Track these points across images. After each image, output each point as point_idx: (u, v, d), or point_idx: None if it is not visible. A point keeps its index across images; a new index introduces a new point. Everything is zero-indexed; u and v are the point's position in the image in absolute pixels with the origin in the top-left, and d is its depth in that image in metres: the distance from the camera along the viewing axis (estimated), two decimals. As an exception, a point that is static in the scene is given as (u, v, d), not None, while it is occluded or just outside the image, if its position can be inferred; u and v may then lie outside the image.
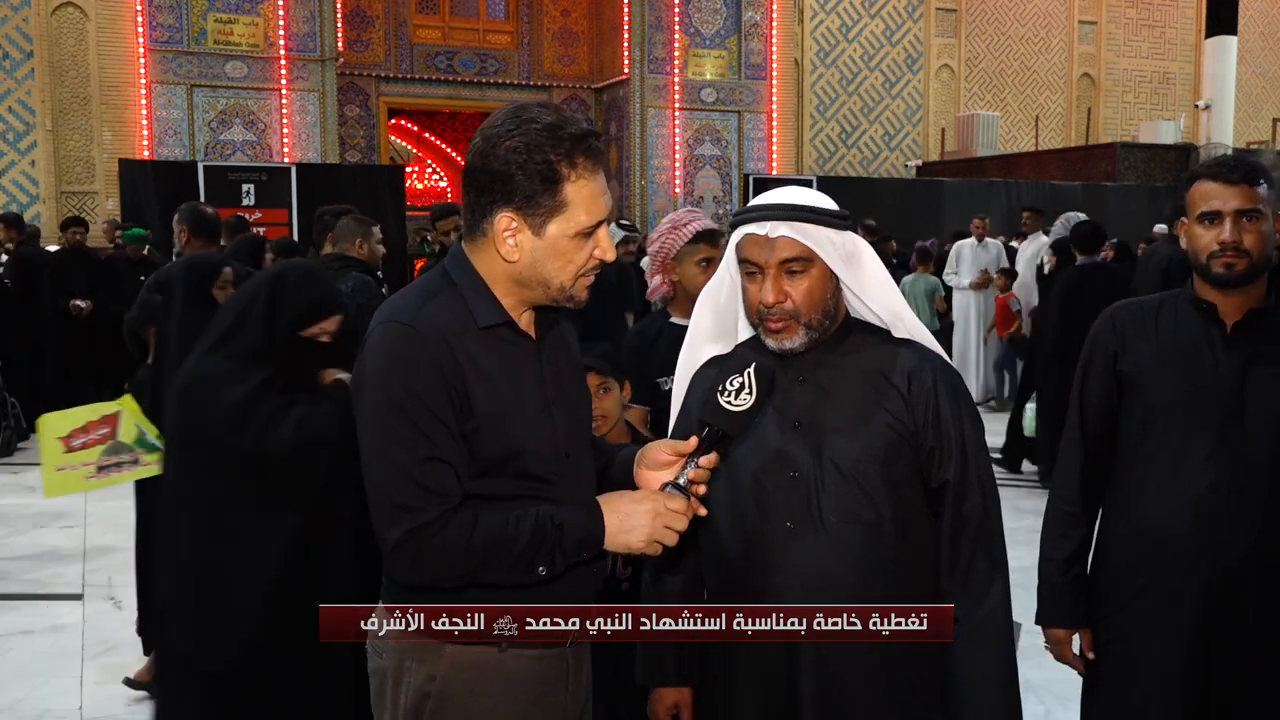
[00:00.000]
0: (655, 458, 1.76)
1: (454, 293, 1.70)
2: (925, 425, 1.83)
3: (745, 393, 1.72)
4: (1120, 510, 2.33)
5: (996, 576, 1.83)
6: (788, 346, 1.84)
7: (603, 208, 1.69)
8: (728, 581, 1.89)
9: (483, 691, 1.71)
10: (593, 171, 1.66)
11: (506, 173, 1.63)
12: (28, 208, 12.63)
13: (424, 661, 1.71)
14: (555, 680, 1.78)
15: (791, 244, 1.80)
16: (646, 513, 1.65)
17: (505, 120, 1.65)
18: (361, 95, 16.18)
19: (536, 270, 1.68)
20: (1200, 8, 19.90)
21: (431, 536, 1.60)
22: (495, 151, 1.63)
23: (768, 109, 16.35)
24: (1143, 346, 2.29)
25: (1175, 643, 2.20)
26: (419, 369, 1.61)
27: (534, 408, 1.73)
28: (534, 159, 1.62)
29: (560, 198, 1.64)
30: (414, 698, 1.71)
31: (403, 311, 1.68)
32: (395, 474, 1.61)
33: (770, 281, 1.81)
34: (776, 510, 1.82)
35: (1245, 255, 2.16)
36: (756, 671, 1.86)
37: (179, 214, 4.95)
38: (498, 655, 1.71)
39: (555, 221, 1.65)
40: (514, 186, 1.63)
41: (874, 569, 1.80)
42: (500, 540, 1.61)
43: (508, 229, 1.65)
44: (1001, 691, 1.81)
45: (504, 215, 1.65)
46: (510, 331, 1.72)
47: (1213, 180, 2.19)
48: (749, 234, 1.84)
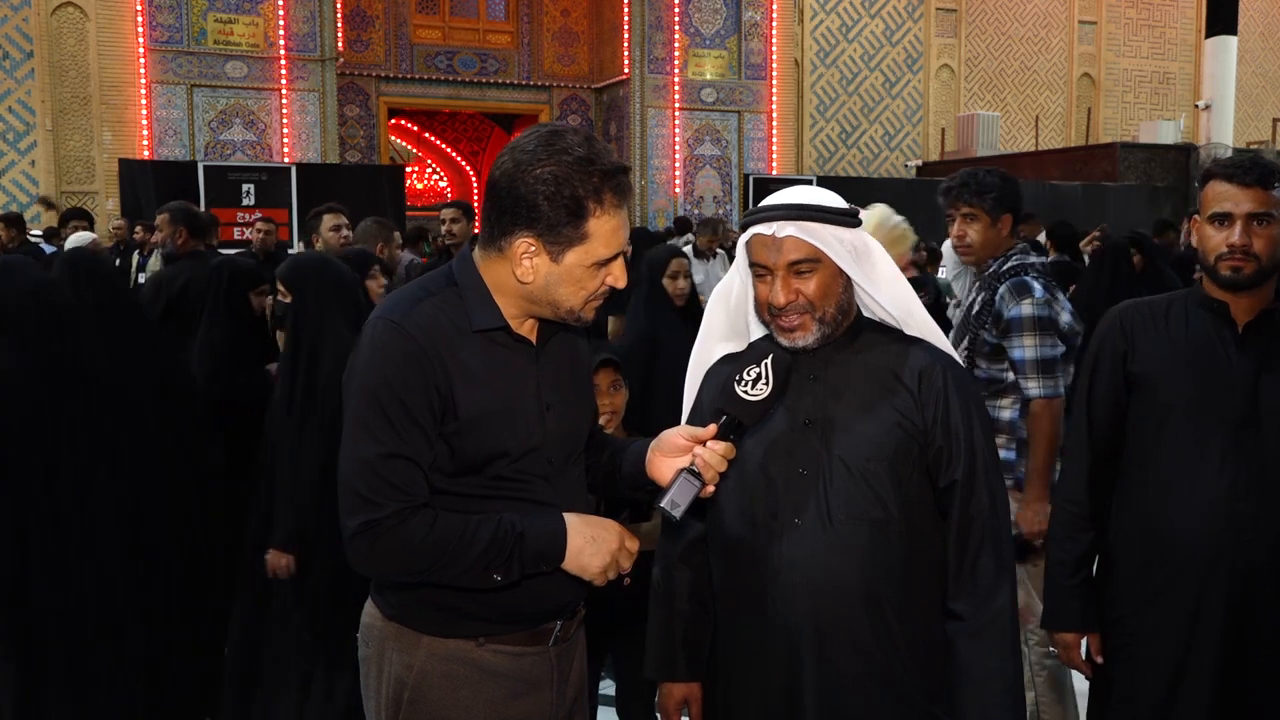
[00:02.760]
0: (673, 443, 1.78)
1: (453, 294, 1.72)
2: (934, 424, 1.82)
3: (762, 383, 1.73)
4: (1132, 513, 2.31)
5: (1003, 576, 1.82)
6: (801, 344, 1.83)
7: (622, 240, 1.70)
8: (735, 578, 1.89)
9: (459, 683, 1.74)
10: (617, 207, 1.68)
11: (532, 200, 1.63)
12: (28, 208, 12.62)
13: (402, 651, 1.76)
14: (538, 679, 1.80)
15: (798, 244, 1.80)
16: (613, 539, 1.71)
17: (538, 146, 1.65)
18: (361, 95, 16.17)
19: (548, 293, 1.70)
20: (1200, 8, 19.90)
21: (387, 531, 1.63)
22: (524, 176, 1.63)
23: (768, 109, 16.34)
24: (1152, 347, 2.28)
25: (1196, 645, 2.19)
26: (402, 367, 1.64)
27: (524, 411, 1.74)
28: (562, 191, 1.62)
29: (583, 230, 1.65)
30: (393, 686, 1.76)
31: (395, 309, 1.70)
32: (361, 466, 1.65)
33: (780, 283, 1.81)
34: (785, 508, 1.82)
35: (1254, 259, 2.15)
36: (760, 666, 1.86)
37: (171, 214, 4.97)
38: (475, 649, 1.75)
39: (574, 251, 1.66)
40: (538, 214, 1.64)
41: (881, 567, 1.79)
42: (456, 542, 1.64)
43: (526, 252, 1.66)
44: (1007, 691, 1.80)
45: (524, 239, 1.66)
46: (506, 335, 1.73)
47: (1227, 181, 2.17)
48: (756, 234, 1.83)
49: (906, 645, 1.81)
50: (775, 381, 1.74)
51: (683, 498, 1.69)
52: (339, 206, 5.51)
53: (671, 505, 1.69)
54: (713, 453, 1.71)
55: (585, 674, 1.95)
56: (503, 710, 1.76)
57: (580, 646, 1.93)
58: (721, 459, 1.71)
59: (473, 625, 1.75)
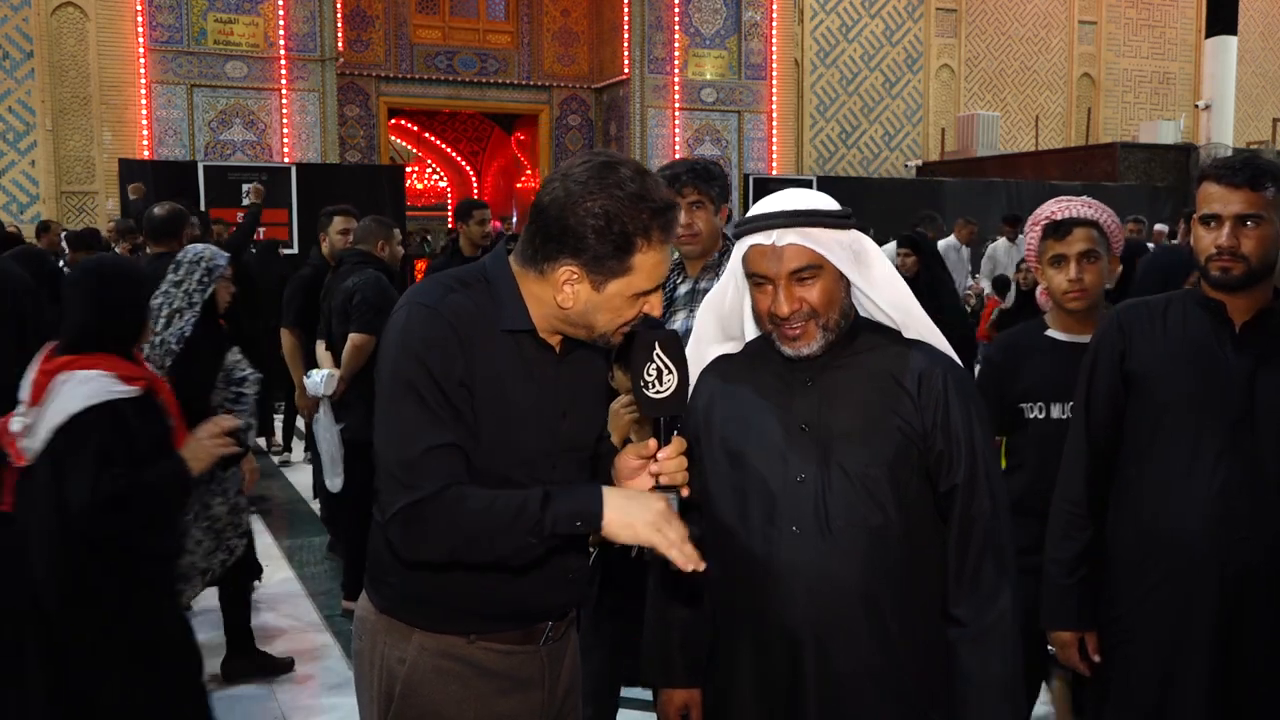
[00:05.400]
0: (627, 466, 1.77)
1: (486, 289, 1.72)
2: (935, 429, 1.80)
3: (666, 374, 1.68)
4: (1129, 511, 2.31)
5: (1004, 581, 1.82)
6: (805, 352, 1.82)
7: (663, 274, 1.71)
8: (734, 583, 1.88)
9: (450, 678, 1.75)
10: (664, 243, 1.68)
11: (581, 233, 1.63)
12: (28, 208, 12.63)
13: (394, 645, 1.77)
14: (529, 676, 1.81)
15: (800, 252, 1.77)
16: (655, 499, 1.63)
17: (591, 177, 1.64)
18: (361, 95, 16.16)
19: (585, 318, 1.71)
20: (1200, 8, 19.90)
21: (428, 508, 1.60)
22: (575, 209, 1.63)
23: (768, 109, 16.33)
24: (1150, 346, 2.28)
25: (1190, 643, 2.19)
26: (436, 350, 1.64)
27: (540, 414, 1.74)
28: (612, 227, 1.62)
29: (627, 264, 1.65)
30: (385, 680, 1.77)
31: (428, 295, 1.70)
32: (402, 451, 1.63)
33: (783, 292, 1.79)
34: (783, 515, 1.80)
35: (1242, 260, 2.14)
36: (759, 672, 1.85)
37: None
38: (465, 645, 1.76)
39: (616, 283, 1.67)
40: (585, 246, 1.64)
41: (880, 572, 1.79)
42: (491, 509, 1.60)
43: (568, 280, 1.67)
44: (1006, 695, 1.80)
45: (568, 268, 1.66)
46: (531, 340, 1.73)
47: (1216, 182, 2.17)
48: (755, 245, 1.81)
49: (906, 649, 1.80)
50: (676, 365, 1.69)
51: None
52: (353, 210, 5.64)
53: None
54: (667, 460, 1.67)
55: (578, 674, 1.95)
56: (493, 706, 1.77)
57: (572, 646, 1.93)
58: (678, 461, 1.67)
59: (464, 622, 1.75)
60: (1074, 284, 2.61)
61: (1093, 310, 2.67)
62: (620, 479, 1.77)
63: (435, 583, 1.73)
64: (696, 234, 3.03)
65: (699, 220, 3.02)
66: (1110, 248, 2.67)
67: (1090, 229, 2.63)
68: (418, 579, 1.74)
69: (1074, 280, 2.61)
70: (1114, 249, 2.69)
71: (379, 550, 1.81)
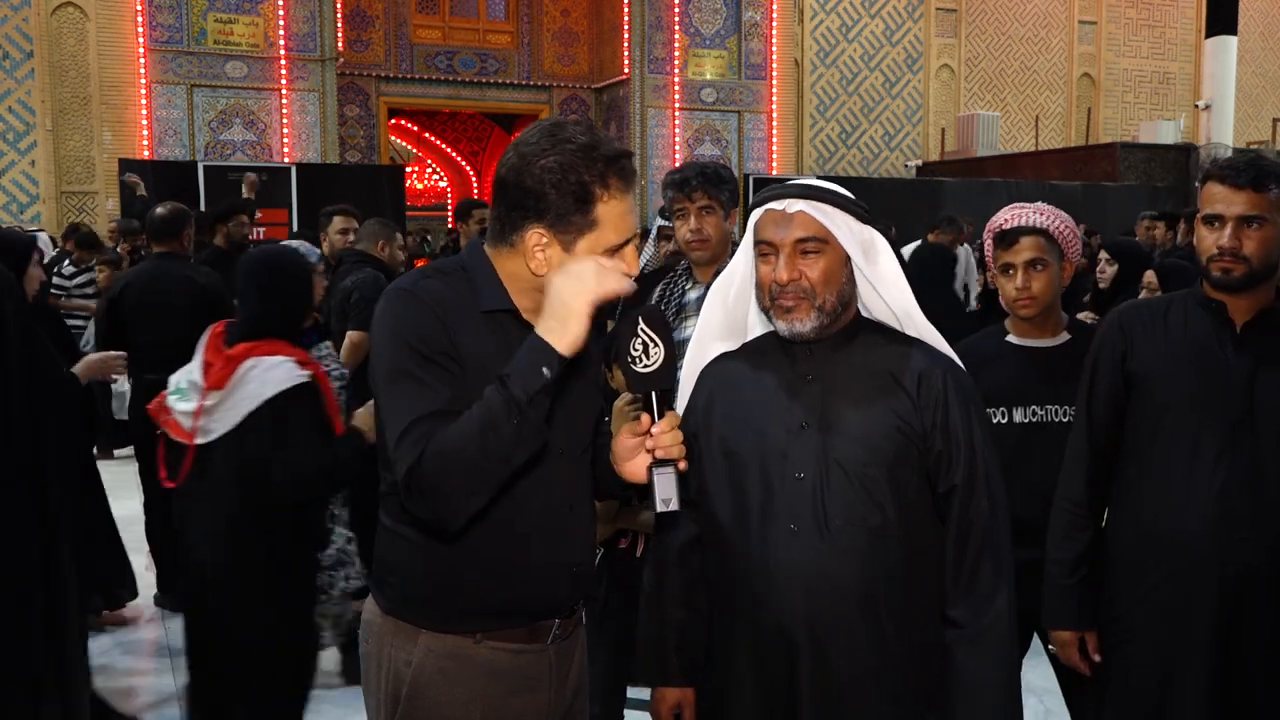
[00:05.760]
0: (624, 446, 1.73)
1: (464, 276, 1.74)
2: (934, 429, 1.80)
3: (653, 346, 1.68)
4: (1129, 511, 2.31)
5: (1002, 582, 1.81)
6: (799, 329, 1.82)
7: (631, 226, 1.71)
8: (730, 581, 1.88)
9: (457, 679, 1.74)
10: (624, 192, 1.69)
11: (540, 191, 1.64)
12: (28, 208, 12.63)
13: (400, 647, 1.76)
14: (536, 676, 1.80)
15: (808, 221, 1.80)
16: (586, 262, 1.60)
17: (541, 138, 1.67)
18: (361, 95, 16.16)
19: None
20: (1200, 8, 19.89)
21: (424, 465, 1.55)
22: (530, 169, 1.65)
23: (768, 109, 16.34)
24: (1151, 346, 2.28)
25: (1190, 643, 2.19)
26: (419, 325, 1.65)
27: None
28: (568, 179, 1.63)
29: (591, 216, 1.66)
30: (392, 681, 1.76)
31: (403, 281, 1.75)
32: (398, 427, 1.60)
33: (784, 260, 1.81)
34: (781, 513, 1.81)
35: (1244, 261, 2.15)
36: (755, 671, 1.85)
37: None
38: (472, 645, 1.75)
39: (585, 239, 1.66)
40: (547, 205, 1.65)
41: (878, 572, 1.78)
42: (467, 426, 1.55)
43: (538, 244, 1.67)
44: (1003, 697, 1.80)
45: (535, 231, 1.66)
46: (513, 320, 1.73)
47: (1220, 183, 2.17)
48: (768, 210, 1.85)
49: (903, 650, 1.80)
50: (661, 337, 1.68)
51: (668, 490, 1.66)
52: (353, 211, 5.68)
53: (664, 503, 1.66)
54: (662, 434, 1.65)
55: (586, 673, 1.95)
56: (500, 707, 1.76)
57: (580, 646, 1.92)
58: (674, 434, 1.66)
59: (469, 620, 1.75)
60: (1022, 292, 2.62)
61: (1049, 314, 2.67)
62: (619, 461, 1.76)
63: (437, 582, 1.73)
64: (706, 239, 2.97)
65: (708, 225, 2.96)
66: (1064, 254, 2.67)
67: (1038, 237, 2.63)
68: (419, 579, 1.73)
69: (1021, 289, 2.62)
70: (1069, 255, 2.68)
71: (382, 551, 1.81)
